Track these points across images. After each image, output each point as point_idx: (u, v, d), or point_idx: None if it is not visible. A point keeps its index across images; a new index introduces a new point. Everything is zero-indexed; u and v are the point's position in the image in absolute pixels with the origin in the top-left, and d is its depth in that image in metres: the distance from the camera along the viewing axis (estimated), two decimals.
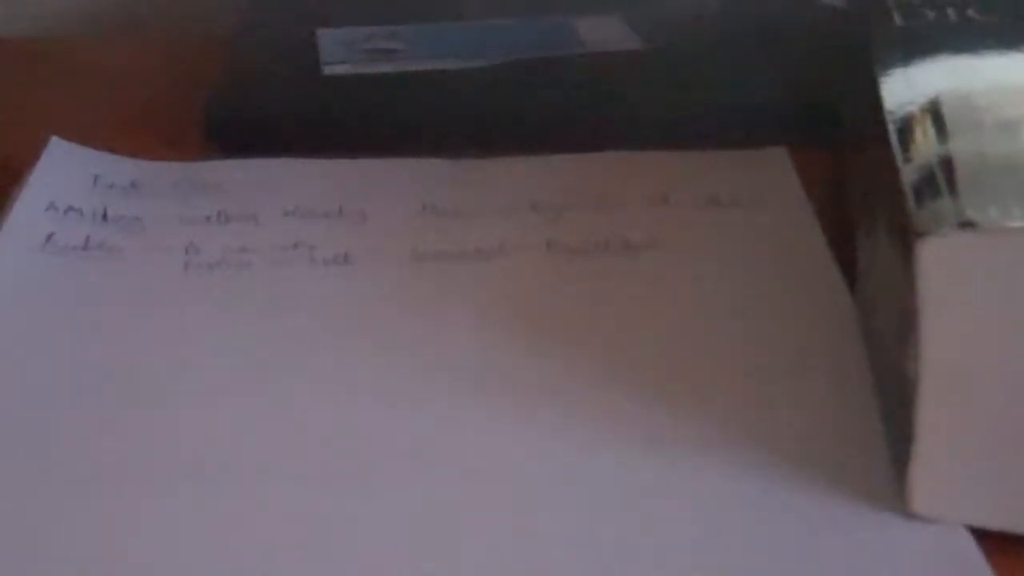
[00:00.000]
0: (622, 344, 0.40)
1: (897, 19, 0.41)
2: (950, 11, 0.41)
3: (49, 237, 0.43)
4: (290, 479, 0.34)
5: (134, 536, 0.33)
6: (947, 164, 0.33)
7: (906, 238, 0.31)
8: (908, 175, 0.33)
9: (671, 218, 0.45)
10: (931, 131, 0.35)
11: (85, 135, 0.49)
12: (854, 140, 0.44)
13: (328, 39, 0.55)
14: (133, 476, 0.35)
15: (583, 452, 0.35)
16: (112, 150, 0.49)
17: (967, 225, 0.30)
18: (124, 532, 0.33)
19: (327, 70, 0.53)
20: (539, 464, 0.35)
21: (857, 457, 0.35)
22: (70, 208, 0.45)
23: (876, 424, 0.35)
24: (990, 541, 0.32)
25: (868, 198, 0.40)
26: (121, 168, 0.47)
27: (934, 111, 0.36)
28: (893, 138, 0.35)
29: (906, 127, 0.36)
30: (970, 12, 0.41)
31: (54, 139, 0.47)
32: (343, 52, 0.54)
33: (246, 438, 0.36)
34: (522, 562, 0.32)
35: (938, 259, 0.31)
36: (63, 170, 0.46)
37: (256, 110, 0.51)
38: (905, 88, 0.38)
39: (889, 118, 0.36)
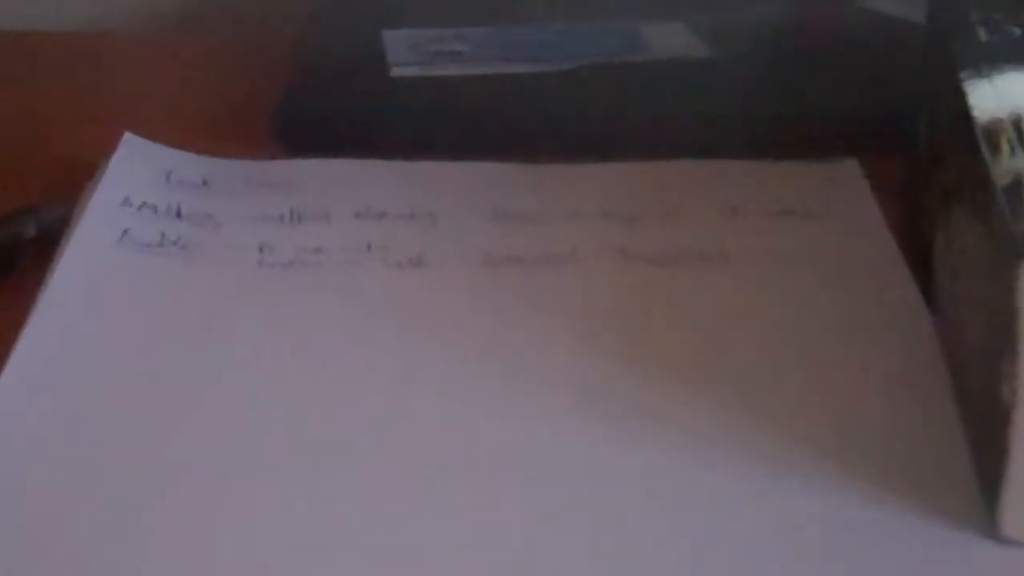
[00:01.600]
0: (698, 357, 0.39)
1: (982, 35, 0.41)
2: None
3: (125, 233, 0.43)
4: (360, 478, 0.35)
5: (217, 529, 0.33)
6: None
7: (1005, 258, 0.31)
8: (1003, 191, 0.33)
9: (744, 229, 0.45)
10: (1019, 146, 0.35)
11: (155, 132, 0.49)
12: (930, 154, 0.44)
13: (394, 40, 0.55)
14: (207, 470, 0.35)
15: (657, 465, 0.35)
16: (182, 147, 0.49)
17: None
18: (206, 525, 0.33)
19: (395, 72, 0.53)
20: (613, 473, 0.35)
21: (943, 478, 0.34)
22: (144, 204, 0.45)
23: (960, 444, 0.35)
24: None
25: (949, 213, 0.39)
26: (193, 165, 0.47)
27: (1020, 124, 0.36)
28: (986, 154, 0.35)
29: (996, 141, 0.35)
30: None
31: (127, 135, 0.47)
32: (409, 54, 0.54)
33: (316, 436, 0.36)
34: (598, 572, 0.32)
35: None
36: (136, 166, 0.46)
37: (325, 111, 0.51)
38: (993, 102, 0.37)
39: (979, 132, 0.36)
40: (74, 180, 0.46)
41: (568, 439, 0.36)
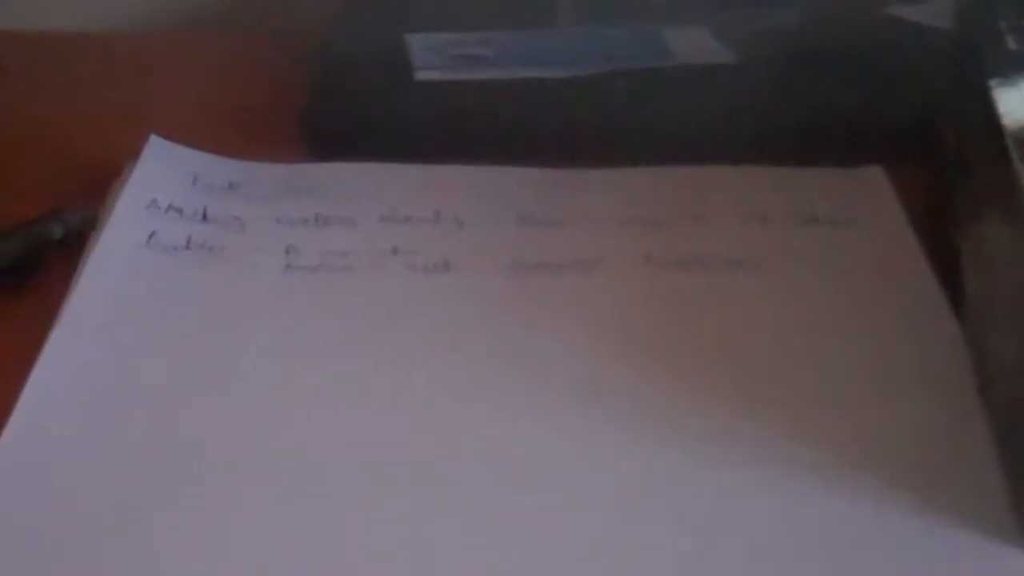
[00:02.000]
0: (723, 362, 0.39)
1: (1011, 43, 0.41)
2: None
3: (152, 235, 0.43)
4: (385, 482, 0.35)
5: (242, 530, 0.33)
6: None
7: None
8: None
9: (769, 235, 0.45)
10: None
11: (180, 133, 0.49)
12: (957, 161, 0.43)
13: (418, 44, 0.55)
14: (232, 472, 0.35)
15: (683, 469, 0.35)
16: (207, 150, 0.49)
17: None
18: (232, 525, 0.33)
19: (420, 75, 0.53)
20: (641, 478, 0.35)
21: (970, 486, 0.34)
22: (171, 207, 0.45)
23: (988, 452, 0.35)
24: None
25: (977, 221, 0.39)
26: (219, 168, 0.47)
27: None
28: (1016, 162, 0.34)
29: None
30: None
31: (153, 137, 0.47)
32: (433, 58, 0.54)
33: (341, 439, 0.36)
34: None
35: None
36: (163, 168, 0.46)
37: (350, 114, 0.51)
38: (1022, 110, 0.37)
39: (1010, 140, 0.36)
40: (99, 181, 0.47)
41: (593, 443, 0.36)
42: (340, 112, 0.51)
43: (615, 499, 0.35)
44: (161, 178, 0.46)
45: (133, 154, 0.47)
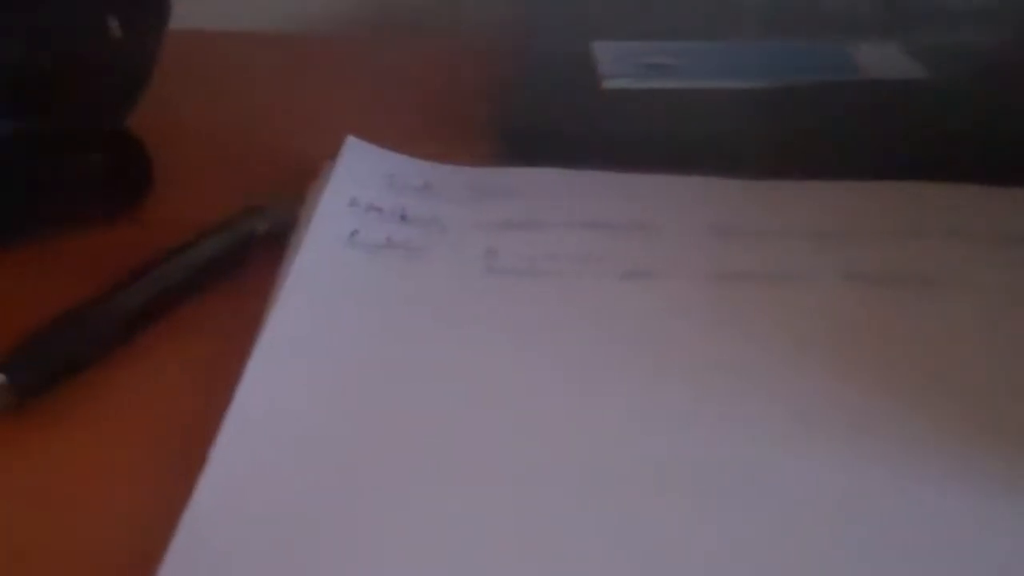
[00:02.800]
0: (917, 379, 0.39)
1: None
2: None
3: (353, 233, 0.44)
4: (581, 487, 0.35)
5: (448, 530, 0.33)
6: None
7: None
8: None
9: (966, 254, 0.44)
10: None
11: (371, 135, 0.49)
12: None
13: (605, 52, 0.55)
14: (437, 471, 0.35)
15: (898, 488, 0.35)
16: (398, 151, 0.49)
17: None
18: (439, 525, 0.33)
19: (607, 83, 0.53)
20: (831, 491, 0.35)
21: None
22: (370, 206, 0.45)
23: None
24: None
25: None
26: (415, 169, 0.48)
27: None
28: None
29: None
30: None
31: (351, 138, 0.48)
32: (620, 66, 0.54)
33: (541, 442, 0.36)
34: None
35: None
36: (360, 168, 0.47)
37: (539, 120, 0.51)
38: None
39: None
40: (295, 180, 0.47)
41: (786, 455, 0.36)
42: (530, 117, 0.51)
43: (818, 514, 0.34)
44: (359, 178, 0.47)
45: (328, 154, 0.48)
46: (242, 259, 0.44)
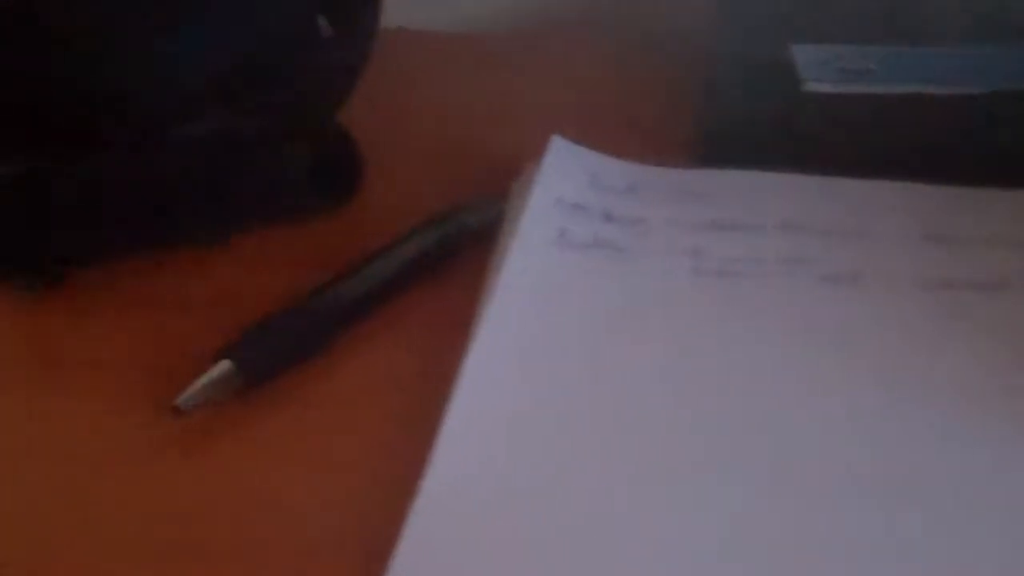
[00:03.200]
0: None
1: None
2: None
3: (562, 232, 0.44)
4: (794, 490, 0.35)
5: (668, 528, 0.34)
6: None
7: None
8: None
9: None
10: None
11: (568, 134, 0.50)
12: None
13: (804, 55, 0.55)
14: (654, 472, 0.35)
15: None
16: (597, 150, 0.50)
17: None
18: (658, 524, 0.34)
19: (809, 87, 0.52)
20: None
21: None
22: (576, 205, 0.46)
23: None
24: None
25: None
26: (618, 170, 0.48)
27: None
28: None
29: None
30: None
31: (555, 138, 0.49)
32: (820, 69, 0.54)
33: (751, 443, 0.37)
34: None
35: None
36: (565, 168, 0.48)
37: (739, 123, 0.51)
38: None
39: None
40: (492, 178, 0.48)
41: (1007, 472, 0.36)
42: (729, 119, 0.51)
43: None
44: (564, 177, 0.47)
45: (526, 153, 0.48)
46: (451, 255, 0.45)
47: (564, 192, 0.46)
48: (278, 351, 0.39)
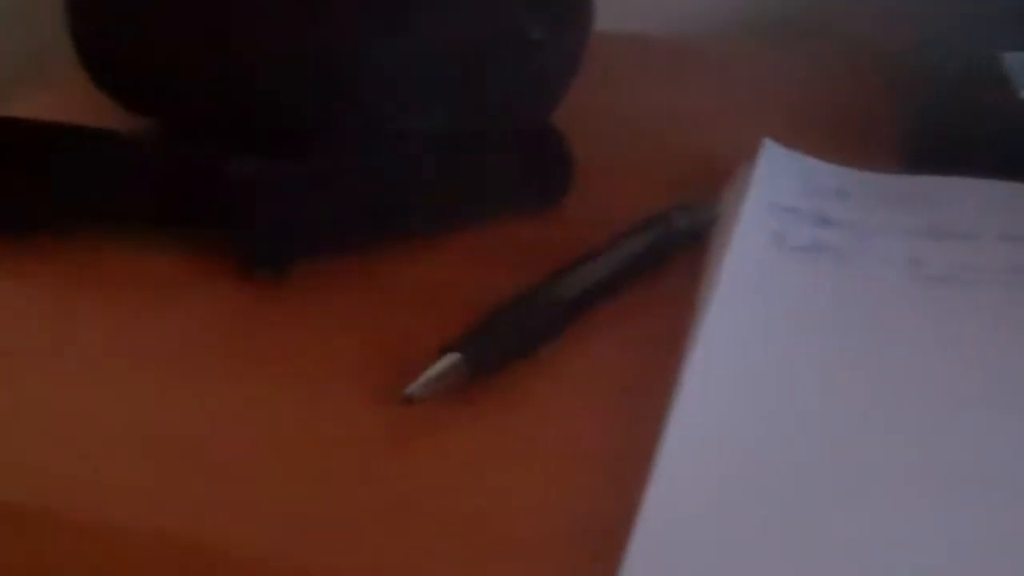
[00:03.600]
0: None
1: None
2: None
3: (778, 235, 0.45)
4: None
5: (896, 535, 0.33)
6: None
7: None
8: None
9: None
10: None
11: (776, 138, 0.50)
12: None
13: (1017, 63, 0.54)
14: (889, 475, 0.35)
15: None
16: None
17: None
18: (891, 529, 0.33)
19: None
20: None
21: None
22: (790, 209, 0.46)
23: None
24: None
25: None
26: (830, 174, 0.48)
27: None
28: None
29: None
30: None
31: (767, 141, 0.49)
32: None
33: (971, 453, 0.36)
34: None
35: None
36: (777, 171, 0.48)
37: (951, 130, 0.51)
38: None
39: None
40: (703, 181, 0.48)
41: None
42: (941, 126, 0.51)
43: None
44: (776, 180, 0.47)
45: (734, 155, 0.49)
46: (664, 256, 0.45)
47: (778, 195, 0.46)
48: (504, 345, 0.40)
